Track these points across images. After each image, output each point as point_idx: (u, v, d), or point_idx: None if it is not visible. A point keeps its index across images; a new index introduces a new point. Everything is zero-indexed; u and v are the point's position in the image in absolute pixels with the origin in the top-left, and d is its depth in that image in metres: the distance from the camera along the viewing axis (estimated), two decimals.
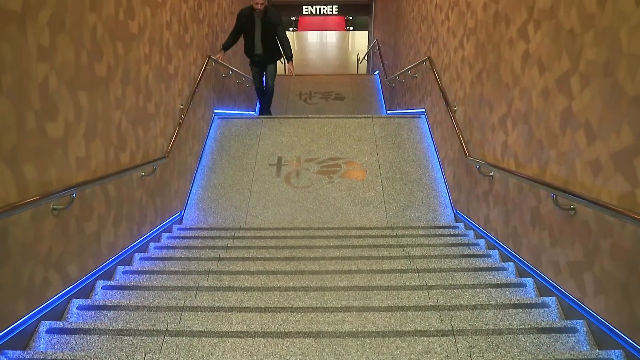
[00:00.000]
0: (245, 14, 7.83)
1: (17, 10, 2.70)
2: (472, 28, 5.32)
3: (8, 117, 2.65)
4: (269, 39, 8.02)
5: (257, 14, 7.72)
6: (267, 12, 7.79)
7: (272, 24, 7.87)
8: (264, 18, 7.78)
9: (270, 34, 7.98)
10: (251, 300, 3.56)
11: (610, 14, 2.78)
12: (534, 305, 3.41)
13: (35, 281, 2.98)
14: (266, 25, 7.87)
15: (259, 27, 7.87)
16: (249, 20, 7.82)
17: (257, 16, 7.77)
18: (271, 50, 8.18)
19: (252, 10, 7.71)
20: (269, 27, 7.90)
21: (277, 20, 7.93)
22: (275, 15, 7.94)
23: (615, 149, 2.75)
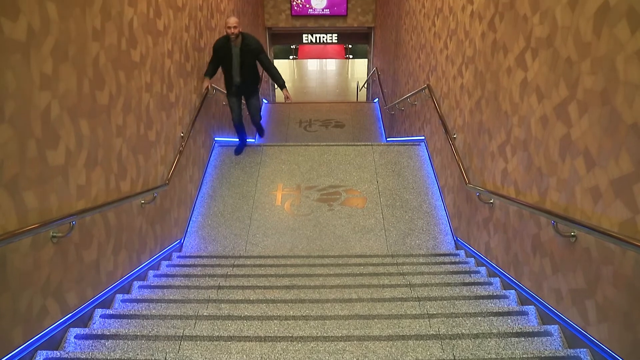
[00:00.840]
0: (221, 44, 6.99)
1: (21, 39, 2.74)
2: (471, 56, 5.38)
3: (10, 145, 2.66)
4: (248, 68, 7.24)
5: (233, 42, 6.93)
6: (244, 39, 7.00)
7: (251, 52, 7.06)
8: (242, 47, 6.98)
9: (250, 64, 7.19)
10: (251, 330, 3.53)
11: (606, 42, 2.81)
12: (536, 334, 3.38)
13: (33, 309, 2.96)
14: (245, 55, 7.05)
15: (237, 57, 7.06)
16: (226, 51, 7.00)
17: (234, 45, 6.97)
18: (250, 79, 7.44)
19: (228, 39, 6.92)
20: (249, 56, 7.09)
21: (257, 47, 7.10)
22: (254, 42, 7.11)
23: (614, 175, 2.75)
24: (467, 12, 5.56)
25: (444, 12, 6.70)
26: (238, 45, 6.96)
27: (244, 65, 7.13)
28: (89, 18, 3.55)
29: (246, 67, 7.17)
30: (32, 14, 2.83)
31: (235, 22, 6.70)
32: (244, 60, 7.07)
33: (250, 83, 7.44)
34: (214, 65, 7.18)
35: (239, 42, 6.94)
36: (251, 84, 7.49)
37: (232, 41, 6.89)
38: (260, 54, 7.13)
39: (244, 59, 7.07)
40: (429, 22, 7.65)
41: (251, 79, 7.41)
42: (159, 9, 5.14)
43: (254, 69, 7.34)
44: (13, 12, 2.66)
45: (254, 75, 7.44)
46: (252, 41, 7.06)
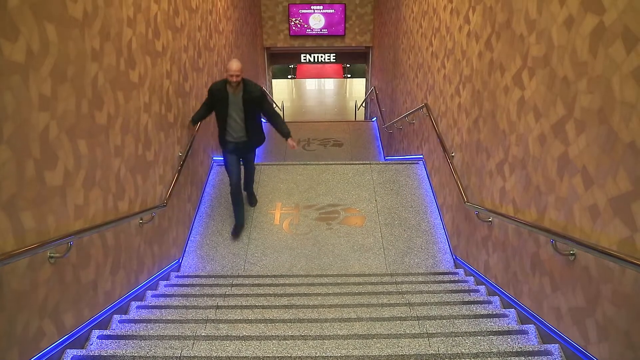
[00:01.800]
0: (217, 89, 6.07)
1: (20, 60, 2.75)
2: (468, 75, 5.41)
3: (8, 165, 2.66)
4: (253, 121, 6.24)
5: (232, 90, 5.96)
6: (246, 86, 6.01)
7: (254, 100, 6.06)
8: (244, 95, 6.00)
9: (253, 115, 6.19)
10: (249, 350, 3.50)
11: (602, 62, 2.83)
12: (536, 353, 3.35)
13: (30, 331, 2.94)
14: (248, 105, 6.06)
15: (237, 107, 6.07)
16: (222, 98, 6.03)
17: (233, 93, 5.99)
18: (255, 134, 6.38)
19: (226, 85, 5.98)
20: (252, 106, 6.10)
21: (260, 95, 6.13)
22: (257, 89, 6.12)
23: (612, 194, 2.76)
24: (464, 31, 5.61)
25: (441, 32, 6.76)
26: (239, 93, 6.00)
27: (248, 117, 6.15)
28: (88, 39, 3.57)
29: (250, 119, 6.19)
30: (31, 35, 2.85)
31: (238, 68, 5.78)
32: (247, 111, 6.11)
33: (255, 141, 6.49)
34: (206, 108, 6.38)
35: (239, 90, 6.00)
36: (256, 142, 6.53)
37: (231, 88, 5.96)
38: (263, 102, 6.21)
39: (247, 110, 6.10)
40: (427, 42, 7.71)
41: (257, 137, 6.45)
42: (157, 30, 5.17)
43: (259, 123, 6.38)
44: (12, 34, 2.67)
45: (259, 131, 6.45)
46: (254, 87, 6.10)
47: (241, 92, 5.99)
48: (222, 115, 6.14)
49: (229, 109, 6.07)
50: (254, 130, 6.32)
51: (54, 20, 3.09)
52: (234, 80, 5.78)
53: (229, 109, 6.08)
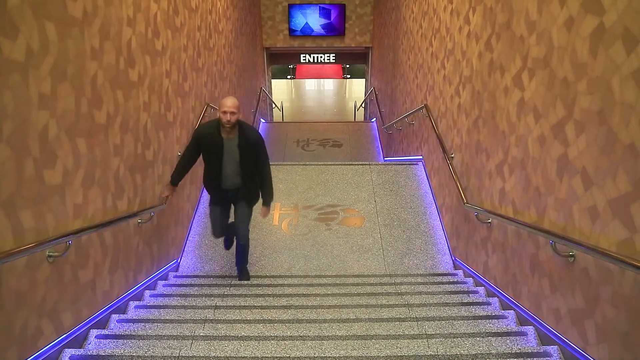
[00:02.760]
0: (208, 134, 4.86)
1: (20, 59, 2.75)
2: (468, 76, 5.41)
3: (7, 164, 2.66)
4: (250, 170, 5.05)
5: (227, 135, 4.81)
6: (242, 131, 4.86)
7: (251, 147, 4.91)
8: (240, 142, 4.85)
9: (249, 163, 4.99)
10: (248, 350, 3.49)
11: (602, 63, 2.83)
12: (535, 355, 3.35)
13: (28, 330, 2.93)
14: (245, 151, 4.89)
15: (233, 154, 4.90)
16: (215, 145, 4.85)
17: (227, 138, 4.83)
18: (250, 183, 5.15)
19: (218, 128, 4.81)
20: (248, 153, 4.93)
21: (258, 140, 4.97)
22: (254, 132, 5.00)
23: (612, 195, 2.75)
24: (464, 32, 5.61)
25: (441, 32, 6.76)
26: (234, 138, 4.84)
27: (244, 166, 4.98)
28: (88, 38, 3.56)
29: (247, 168, 5.02)
30: (31, 34, 2.84)
31: (235, 105, 4.65)
32: (244, 158, 4.94)
33: (253, 189, 5.22)
34: (188, 161, 5.11)
35: (235, 134, 4.83)
36: (254, 190, 5.24)
37: (225, 132, 4.80)
38: (260, 150, 5.03)
39: (244, 157, 4.93)
40: (426, 43, 7.71)
41: (250, 182, 5.16)
42: (157, 29, 5.17)
43: (254, 170, 5.11)
44: (12, 32, 2.67)
45: (254, 179, 5.18)
46: (251, 132, 4.96)
47: (236, 138, 4.83)
48: (215, 167, 4.97)
49: (223, 159, 4.91)
50: (252, 179, 5.14)
51: (54, 19, 3.08)
52: (229, 120, 4.64)
53: (224, 159, 4.91)
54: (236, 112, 4.67)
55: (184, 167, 5.12)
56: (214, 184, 5.12)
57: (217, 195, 5.25)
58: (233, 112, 4.63)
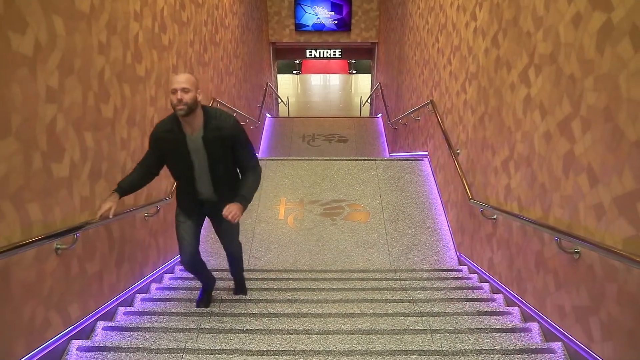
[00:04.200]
0: (166, 131, 3.59)
1: (28, 53, 2.76)
2: (474, 72, 5.40)
3: (15, 157, 2.68)
4: (224, 172, 3.78)
5: (190, 128, 3.53)
6: (210, 120, 3.56)
7: (224, 141, 3.60)
8: (206, 135, 3.55)
9: (225, 165, 3.73)
10: (253, 343, 3.51)
11: (610, 60, 2.82)
12: (539, 351, 3.36)
13: (36, 321, 2.96)
14: (213, 148, 3.60)
15: (200, 156, 3.63)
16: (176, 144, 3.59)
17: (189, 134, 3.56)
18: (229, 192, 3.82)
19: (179, 122, 3.53)
20: (221, 151, 3.63)
21: (234, 134, 3.63)
22: (227, 123, 3.61)
23: (617, 192, 2.75)
24: (470, 28, 5.60)
25: (447, 28, 6.75)
26: (197, 132, 3.55)
27: (214, 168, 3.70)
28: (95, 32, 3.58)
29: (220, 170, 3.73)
30: (39, 28, 2.86)
31: (188, 80, 3.40)
32: (213, 158, 3.65)
33: (224, 198, 3.78)
34: (145, 173, 3.80)
35: (197, 125, 3.54)
36: (226, 199, 3.73)
37: (188, 127, 3.53)
38: (239, 144, 3.68)
39: (213, 157, 3.64)
40: (433, 38, 7.69)
41: (227, 189, 3.84)
42: (164, 24, 5.18)
43: (231, 174, 3.85)
44: (21, 26, 2.68)
45: (231, 184, 3.87)
46: (222, 120, 3.61)
47: (201, 130, 3.54)
48: (185, 176, 3.76)
49: (193, 163, 3.66)
50: (227, 185, 3.84)
51: (62, 13, 3.10)
52: (181, 101, 3.34)
53: (194, 163, 3.66)
54: (191, 89, 3.35)
55: (140, 179, 3.78)
56: (185, 194, 3.90)
57: (191, 206, 3.94)
58: (185, 88, 3.32)
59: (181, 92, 3.33)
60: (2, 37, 2.54)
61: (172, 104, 3.37)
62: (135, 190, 3.82)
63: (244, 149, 3.73)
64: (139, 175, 3.78)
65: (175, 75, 3.45)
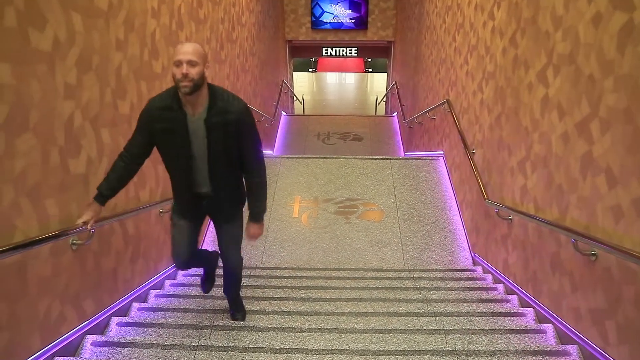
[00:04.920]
0: (162, 108, 3.03)
1: (47, 50, 2.79)
2: (492, 72, 5.36)
3: (33, 153, 2.70)
4: (224, 165, 3.21)
5: (192, 108, 3.00)
6: (215, 101, 3.01)
7: (228, 127, 3.04)
8: (209, 117, 3.01)
9: (227, 156, 3.17)
10: (266, 341, 3.52)
11: (630, 60, 2.78)
12: (554, 353, 3.33)
13: (51, 316, 2.99)
14: (216, 133, 3.05)
15: (200, 140, 3.07)
16: (175, 124, 3.03)
17: (190, 115, 3.01)
18: (228, 188, 3.36)
19: (178, 99, 2.98)
20: (223, 139, 3.08)
21: (243, 120, 3.09)
22: (235, 107, 3.06)
23: (637, 194, 2.72)
24: (488, 27, 5.56)
25: (464, 27, 6.70)
26: (199, 113, 3.01)
27: (215, 158, 3.13)
28: (113, 29, 3.60)
29: (220, 161, 3.17)
30: (59, 25, 2.88)
31: (196, 51, 2.88)
32: (215, 146, 3.09)
33: (227, 196, 3.39)
34: (128, 159, 3.19)
35: (201, 106, 3.00)
36: (230, 198, 3.41)
37: (189, 104, 2.98)
38: (244, 134, 3.13)
39: (215, 145, 3.08)
40: (450, 38, 7.65)
41: (230, 189, 3.37)
42: (181, 21, 5.20)
43: (234, 169, 3.29)
44: (40, 23, 2.71)
45: (234, 182, 3.37)
46: (230, 103, 3.05)
47: (205, 112, 2.99)
48: (182, 162, 3.15)
49: (192, 149, 3.09)
50: (229, 180, 3.31)
51: (80, 10, 3.12)
52: (186, 76, 2.81)
53: (193, 149, 3.08)
54: (198, 62, 2.83)
55: (121, 177, 3.19)
56: (179, 188, 3.36)
57: (187, 203, 3.39)
58: (192, 61, 2.81)
59: (187, 66, 2.82)
60: (21, 34, 2.57)
61: (175, 79, 2.85)
62: (118, 191, 3.21)
63: (250, 141, 3.17)
64: (120, 173, 3.18)
65: (180, 45, 2.89)
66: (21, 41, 2.57)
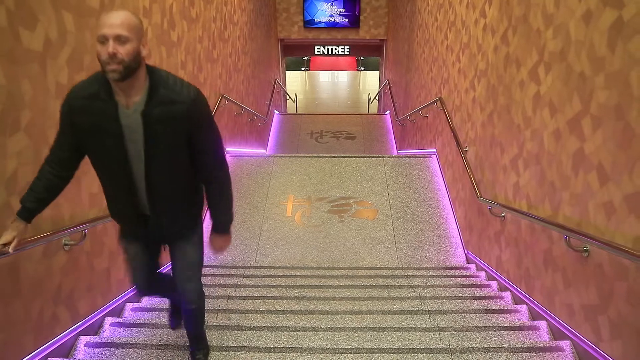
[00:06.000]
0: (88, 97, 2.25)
1: (39, 49, 2.77)
2: (483, 70, 5.38)
3: (25, 153, 2.69)
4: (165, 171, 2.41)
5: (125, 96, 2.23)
6: (157, 91, 2.25)
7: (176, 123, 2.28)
8: (149, 112, 2.23)
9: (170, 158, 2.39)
10: (260, 340, 3.52)
11: (621, 57, 2.80)
12: (547, 349, 3.34)
13: (44, 317, 2.98)
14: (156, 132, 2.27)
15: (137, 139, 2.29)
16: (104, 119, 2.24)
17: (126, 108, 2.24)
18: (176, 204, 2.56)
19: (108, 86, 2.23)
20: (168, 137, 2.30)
21: (195, 112, 2.32)
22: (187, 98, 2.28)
23: (628, 190, 2.73)
24: (479, 25, 5.57)
25: (456, 25, 6.72)
26: (136, 104, 2.25)
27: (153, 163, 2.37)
28: None
29: (162, 168, 2.40)
30: (50, 24, 2.87)
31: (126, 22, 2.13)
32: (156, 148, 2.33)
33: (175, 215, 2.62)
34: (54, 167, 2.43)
35: (137, 95, 2.26)
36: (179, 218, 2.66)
37: (122, 94, 2.24)
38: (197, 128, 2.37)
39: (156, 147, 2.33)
40: (442, 35, 7.66)
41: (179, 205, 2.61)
42: (173, 20, 5.18)
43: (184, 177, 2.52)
44: (31, 22, 2.69)
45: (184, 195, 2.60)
46: (178, 93, 2.30)
47: (143, 102, 2.26)
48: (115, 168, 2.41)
49: (128, 152, 2.34)
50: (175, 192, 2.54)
51: (72, 9, 3.11)
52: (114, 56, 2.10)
53: (129, 151, 2.34)
54: (130, 37, 2.12)
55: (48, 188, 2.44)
56: (116, 204, 2.60)
57: (132, 224, 2.64)
58: (121, 36, 2.09)
59: (114, 43, 2.08)
60: (12, 33, 2.55)
61: (100, 61, 2.12)
62: (48, 203, 2.47)
63: (206, 139, 2.44)
64: (49, 181, 2.43)
65: (105, 15, 2.12)
66: (12, 41, 2.56)
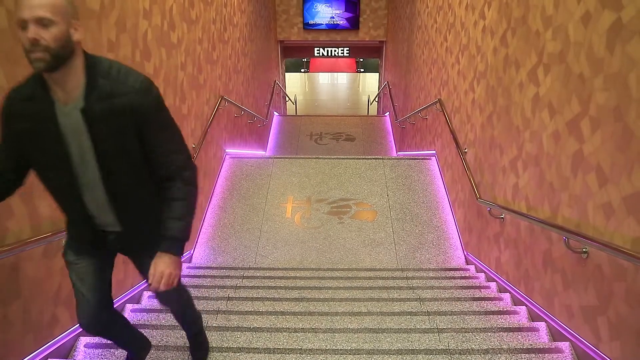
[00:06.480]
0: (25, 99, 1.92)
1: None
2: (483, 71, 5.38)
3: None
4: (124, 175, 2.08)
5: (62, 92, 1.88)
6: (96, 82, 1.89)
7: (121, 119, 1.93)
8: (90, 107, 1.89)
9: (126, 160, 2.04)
10: (260, 341, 3.52)
11: (619, 59, 2.81)
12: (547, 351, 3.35)
13: (44, 318, 2.98)
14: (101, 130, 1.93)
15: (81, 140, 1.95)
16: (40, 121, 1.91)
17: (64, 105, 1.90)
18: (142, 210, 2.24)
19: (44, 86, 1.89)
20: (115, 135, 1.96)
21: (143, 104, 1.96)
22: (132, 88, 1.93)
23: (627, 192, 2.74)
24: (479, 27, 5.58)
25: (456, 27, 6.73)
26: (76, 100, 1.90)
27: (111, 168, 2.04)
28: (105, 30, 3.59)
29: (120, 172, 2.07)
30: None
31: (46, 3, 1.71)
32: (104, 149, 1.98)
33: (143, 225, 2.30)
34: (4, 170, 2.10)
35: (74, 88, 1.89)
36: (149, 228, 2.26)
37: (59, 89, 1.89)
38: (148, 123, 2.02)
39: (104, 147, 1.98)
40: (441, 37, 7.67)
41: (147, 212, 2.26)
42: (173, 21, 5.19)
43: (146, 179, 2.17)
44: None
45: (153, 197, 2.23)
46: (122, 84, 1.93)
47: (81, 98, 1.91)
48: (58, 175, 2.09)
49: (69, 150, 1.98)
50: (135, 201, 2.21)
51: None
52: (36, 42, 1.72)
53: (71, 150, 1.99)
54: (54, 19, 1.75)
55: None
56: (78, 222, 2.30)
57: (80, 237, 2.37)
58: (42, 19, 1.72)
59: (36, 27, 1.73)
60: (12, 34, 2.56)
61: (24, 50, 1.76)
62: None
63: (159, 135, 2.10)
64: None
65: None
66: (12, 42, 2.56)
